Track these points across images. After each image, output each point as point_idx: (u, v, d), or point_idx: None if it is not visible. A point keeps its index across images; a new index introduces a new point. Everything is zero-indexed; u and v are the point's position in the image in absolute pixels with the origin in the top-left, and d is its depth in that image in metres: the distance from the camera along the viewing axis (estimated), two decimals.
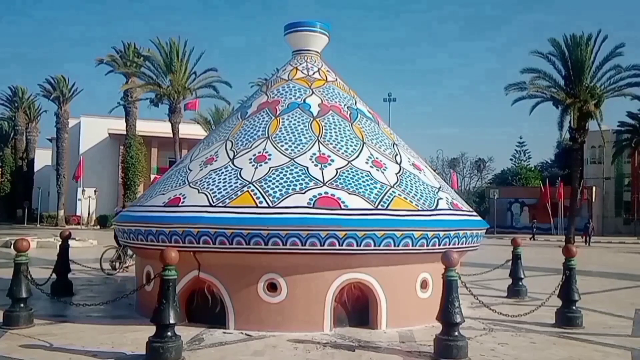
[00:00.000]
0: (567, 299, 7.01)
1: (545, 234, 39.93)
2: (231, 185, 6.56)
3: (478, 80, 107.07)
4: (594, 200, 44.33)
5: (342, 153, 7.05)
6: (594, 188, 44.88)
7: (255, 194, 6.38)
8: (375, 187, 6.66)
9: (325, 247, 6.10)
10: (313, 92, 8.08)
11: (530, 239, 34.59)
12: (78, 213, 42.51)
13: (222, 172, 6.83)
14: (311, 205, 6.23)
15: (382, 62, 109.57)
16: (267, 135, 7.29)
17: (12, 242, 7.08)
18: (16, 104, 51.27)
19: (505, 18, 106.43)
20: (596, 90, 28.06)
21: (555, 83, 28.68)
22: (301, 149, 7.00)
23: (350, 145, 7.22)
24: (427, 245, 6.55)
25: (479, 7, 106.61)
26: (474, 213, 7.93)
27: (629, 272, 14.89)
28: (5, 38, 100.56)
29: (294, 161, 6.80)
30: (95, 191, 41.42)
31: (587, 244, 29.96)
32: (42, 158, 53.82)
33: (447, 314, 5.34)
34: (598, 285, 11.46)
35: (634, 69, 27.68)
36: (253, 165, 6.80)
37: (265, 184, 6.50)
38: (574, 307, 7.03)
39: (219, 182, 6.67)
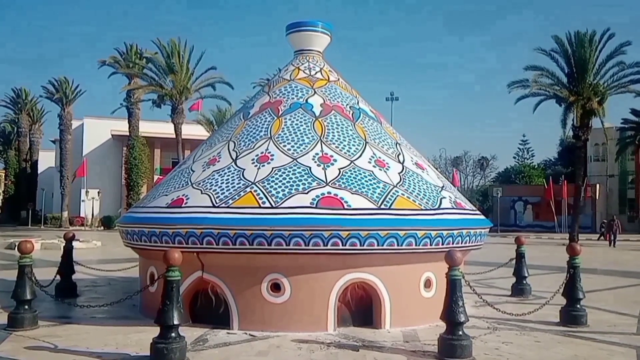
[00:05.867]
0: (572, 298, 6.99)
1: (549, 232, 39.85)
2: (234, 186, 6.57)
3: (481, 77, 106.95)
4: (597, 197, 44.17)
5: (345, 153, 7.04)
6: (597, 186, 44.73)
7: (258, 194, 6.38)
8: (378, 187, 6.66)
9: (329, 247, 6.10)
10: (315, 92, 8.08)
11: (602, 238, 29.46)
12: (82, 214, 42.57)
13: (225, 173, 6.84)
14: (314, 205, 6.22)
15: (384, 61, 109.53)
16: (269, 135, 7.29)
17: (16, 243, 7.09)
18: (19, 106, 51.39)
19: (509, 13, 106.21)
20: (599, 87, 27.95)
21: (558, 80, 28.58)
22: (304, 149, 7.00)
23: (353, 145, 7.22)
24: (431, 245, 6.54)
25: (481, 2, 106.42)
26: (478, 212, 7.91)
27: (634, 270, 14.85)
28: (7, 40, 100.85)
29: (297, 161, 6.80)
30: (98, 192, 41.48)
31: (612, 244, 26.85)
32: (46, 160, 53.96)
33: (451, 313, 5.33)
34: (602, 284, 11.42)
35: (637, 65, 27.55)
36: (256, 166, 6.80)
37: (268, 184, 6.50)
38: (578, 306, 7.02)
39: (222, 183, 6.67)
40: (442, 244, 6.58)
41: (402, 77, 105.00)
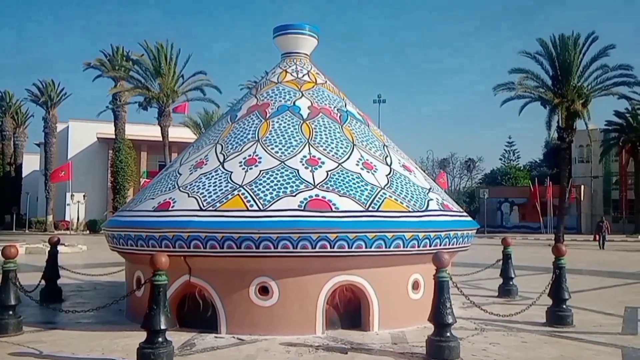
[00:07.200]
0: (558, 298, 7.05)
1: (535, 233, 40.21)
2: (221, 189, 6.54)
3: (468, 80, 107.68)
4: (582, 198, 44.69)
5: (333, 155, 7.05)
6: (582, 187, 45.25)
7: (245, 197, 6.36)
8: (366, 189, 6.67)
9: (317, 249, 6.09)
10: (303, 95, 8.07)
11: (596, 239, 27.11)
12: (67, 218, 42.10)
13: (212, 176, 6.80)
14: (302, 208, 6.21)
15: (372, 63, 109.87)
16: (257, 138, 7.27)
17: (0, 248, 7.00)
18: (3, 109, 50.78)
19: (497, 17, 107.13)
20: (583, 89, 28.27)
21: (543, 83, 28.86)
22: (291, 151, 6.99)
23: (341, 148, 7.22)
24: (418, 247, 6.56)
25: (471, 6, 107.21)
26: (464, 213, 7.95)
27: (619, 270, 15.02)
28: None
29: (285, 164, 6.79)
30: (84, 196, 41.09)
31: (601, 246, 25.80)
32: (30, 163, 53.35)
33: (438, 314, 5.35)
34: (588, 284, 11.54)
35: (620, 68, 27.93)
36: (243, 169, 6.78)
37: (256, 187, 6.48)
38: (564, 306, 7.08)
39: (209, 186, 6.64)
40: (430, 246, 6.61)
41: (390, 79, 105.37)
